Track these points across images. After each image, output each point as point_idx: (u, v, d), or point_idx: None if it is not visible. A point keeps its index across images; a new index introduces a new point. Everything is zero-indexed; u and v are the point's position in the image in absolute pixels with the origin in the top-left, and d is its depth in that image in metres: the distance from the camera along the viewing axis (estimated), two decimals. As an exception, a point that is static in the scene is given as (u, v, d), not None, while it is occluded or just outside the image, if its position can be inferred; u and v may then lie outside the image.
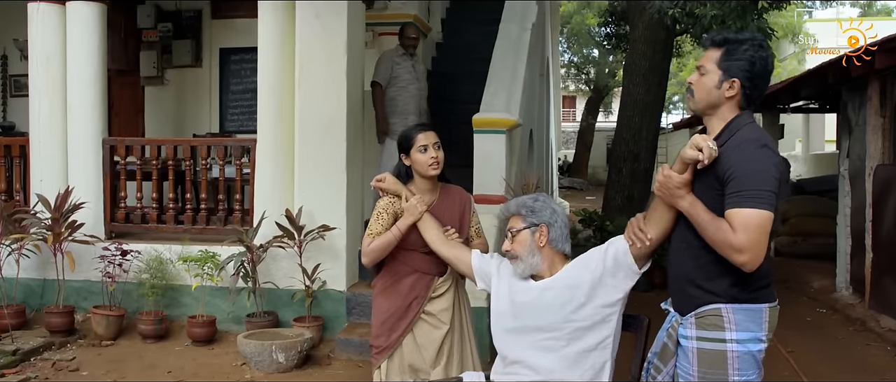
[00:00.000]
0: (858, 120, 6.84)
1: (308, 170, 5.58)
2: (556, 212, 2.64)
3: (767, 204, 2.11)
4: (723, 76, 2.25)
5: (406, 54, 6.64)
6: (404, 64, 6.58)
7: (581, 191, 20.65)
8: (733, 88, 2.25)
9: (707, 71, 2.29)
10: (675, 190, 2.24)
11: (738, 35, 2.30)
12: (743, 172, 2.12)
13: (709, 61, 2.29)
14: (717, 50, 2.29)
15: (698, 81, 2.32)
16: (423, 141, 3.01)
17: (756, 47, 2.25)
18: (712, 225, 2.16)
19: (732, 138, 2.22)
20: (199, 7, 8.09)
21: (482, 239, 3.22)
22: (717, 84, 2.26)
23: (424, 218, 2.97)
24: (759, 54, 2.25)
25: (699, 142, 2.17)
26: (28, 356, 5.03)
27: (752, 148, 2.16)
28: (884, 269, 6.25)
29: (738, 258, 2.12)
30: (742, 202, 2.11)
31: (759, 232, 2.10)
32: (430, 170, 3.02)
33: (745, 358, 2.23)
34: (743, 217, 2.10)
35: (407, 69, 6.58)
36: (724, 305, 2.23)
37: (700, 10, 6.43)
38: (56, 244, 5.47)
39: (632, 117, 8.88)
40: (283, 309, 5.52)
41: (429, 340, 3.07)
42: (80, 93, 5.93)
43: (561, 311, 2.49)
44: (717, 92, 2.27)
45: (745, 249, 2.10)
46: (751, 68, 2.24)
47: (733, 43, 2.27)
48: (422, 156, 3.01)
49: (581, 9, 21.56)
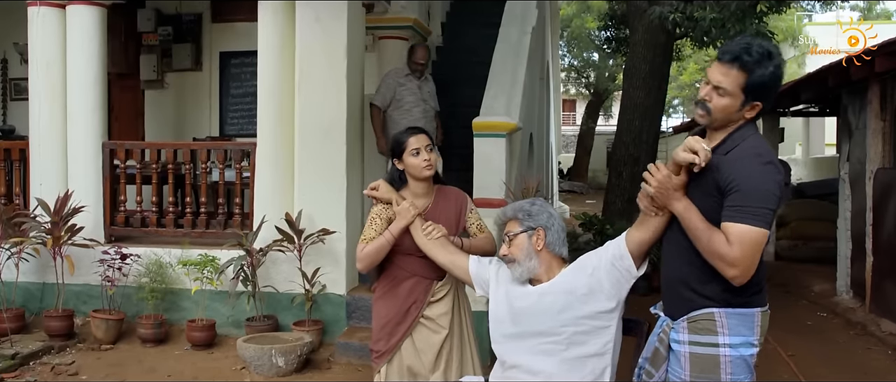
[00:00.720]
0: (859, 123, 6.84)
1: (308, 173, 5.58)
2: (553, 216, 2.65)
3: (766, 223, 2.11)
4: (745, 100, 2.20)
5: (412, 74, 6.37)
6: (409, 85, 6.30)
7: (581, 194, 20.64)
8: (754, 109, 2.23)
9: (728, 93, 2.19)
10: (673, 191, 2.23)
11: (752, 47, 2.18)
12: (747, 187, 2.11)
13: (729, 82, 2.18)
14: (741, 72, 2.17)
15: (717, 101, 2.22)
16: (414, 144, 3.01)
17: (775, 61, 2.18)
18: (706, 234, 2.16)
19: (736, 148, 2.20)
20: (199, 11, 8.08)
21: (486, 234, 3.19)
22: (738, 106, 2.21)
23: (417, 223, 2.96)
24: (774, 66, 2.18)
25: (693, 144, 2.15)
26: (27, 360, 5.03)
27: (759, 164, 2.15)
28: (884, 273, 6.24)
29: (729, 271, 2.13)
30: (742, 218, 2.11)
31: (753, 250, 2.11)
32: (425, 171, 3.02)
33: (737, 363, 2.23)
34: (740, 232, 2.10)
35: (411, 91, 6.29)
36: (717, 309, 2.23)
37: (700, 13, 6.43)
38: (55, 247, 5.47)
39: (632, 121, 8.87)
40: (282, 313, 5.51)
41: (428, 344, 3.06)
42: (80, 96, 5.93)
43: (560, 316, 2.48)
44: (737, 114, 2.23)
45: (737, 264, 2.11)
46: (772, 86, 2.21)
47: (755, 64, 2.16)
48: (414, 159, 3.01)
49: (581, 12, 21.56)
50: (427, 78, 6.52)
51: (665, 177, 2.23)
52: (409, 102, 6.24)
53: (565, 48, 23.17)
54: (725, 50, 2.23)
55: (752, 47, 2.18)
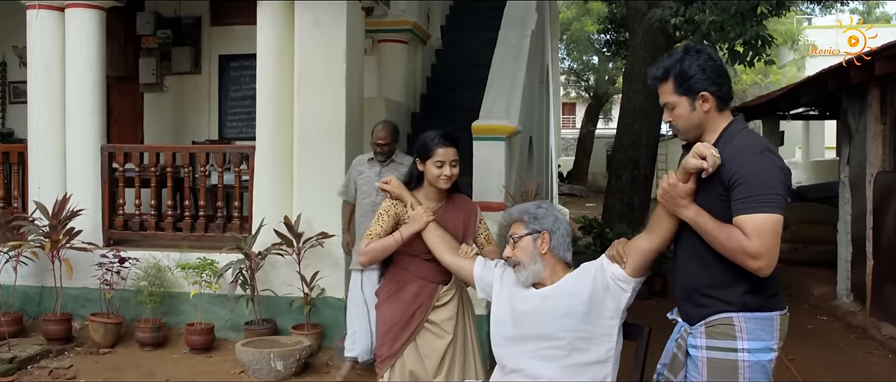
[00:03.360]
0: (859, 127, 6.83)
1: (307, 177, 5.57)
2: (559, 220, 2.63)
3: (777, 208, 2.10)
4: (690, 99, 2.26)
5: (375, 158, 4.89)
6: (368, 173, 4.85)
7: (581, 198, 20.65)
8: (706, 101, 2.25)
9: (674, 104, 2.29)
10: (680, 199, 2.22)
11: (672, 57, 2.31)
12: (749, 177, 2.11)
13: (667, 95, 2.30)
14: (665, 83, 2.30)
15: (674, 116, 2.32)
16: (441, 157, 2.99)
17: (694, 55, 2.26)
18: (722, 233, 2.14)
19: (731, 144, 2.20)
20: (198, 14, 8.08)
21: (493, 246, 3.19)
22: (689, 109, 2.27)
23: (432, 226, 2.95)
24: (701, 58, 2.25)
25: (702, 150, 2.15)
26: (25, 364, 5.01)
27: (754, 153, 2.15)
28: (885, 277, 6.22)
29: (753, 264, 2.10)
30: (753, 207, 2.09)
31: (772, 237, 2.09)
32: (441, 183, 3.02)
33: (755, 368, 2.20)
34: (756, 222, 2.08)
35: (368, 180, 4.79)
36: (735, 314, 2.20)
37: (700, 16, 6.43)
38: (54, 251, 5.45)
39: (631, 124, 8.87)
40: (281, 317, 5.50)
41: (431, 349, 3.05)
42: (78, 99, 5.92)
43: (563, 320, 2.47)
44: (695, 114, 2.27)
45: (760, 255, 2.08)
46: (705, 74, 2.24)
47: (673, 67, 2.28)
48: (436, 169, 2.99)
49: (581, 15, 21.60)
50: (396, 162, 4.85)
51: (670, 185, 2.22)
52: (364, 192, 4.86)
53: (565, 51, 23.20)
54: (650, 75, 2.37)
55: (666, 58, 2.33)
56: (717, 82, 2.25)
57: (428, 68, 9.12)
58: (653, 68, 2.36)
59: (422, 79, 8.85)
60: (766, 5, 6.38)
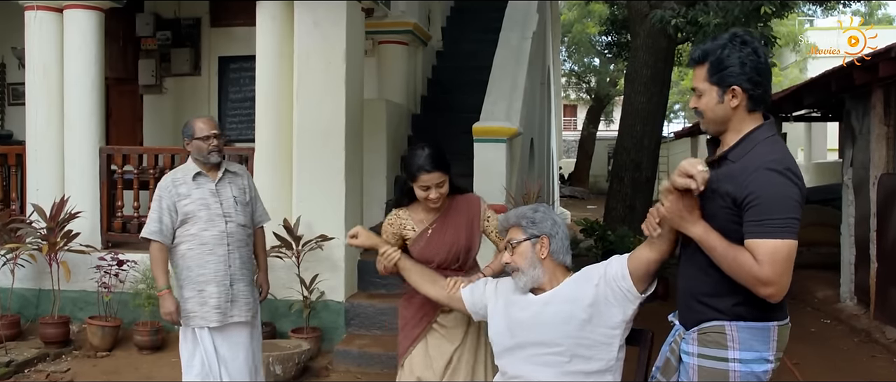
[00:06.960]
0: (862, 128, 6.79)
1: (306, 179, 5.54)
2: (557, 223, 2.58)
3: (792, 233, 1.99)
4: (719, 90, 2.13)
5: (202, 174, 3.64)
6: (198, 192, 3.62)
7: (582, 200, 20.59)
8: (736, 96, 2.11)
9: (702, 91, 2.16)
10: (687, 214, 2.12)
11: (716, 41, 2.15)
12: (766, 200, 1.99)
13: (699, 80, 2.16)
14: (701, 66, 2.15)
15: (700, 104, 2.18)
16: (425, 182, 2.91)
17: (739, 46, 2.10)
18: (730, 253, 2.04)
19: (750, 154, 2.08)
20: (198, 15, 8.06)
21: None
22: (717, 100, 2.13)
23: (406, 265, 2.94)
24: (744, 51, 2.09)
25: (688, 168, 2.02)
26: (22, 367, 4.99)
27: (774, 172, 2.02)
28: (889, 279, 6.18)
29: (763, 291, 2.01)
30: (767, 232, 1.99)
31: (785, 264, 1.99)
32: (429, 205, 2.99)
33: (747, 379, 2.12)
34: (769, 249, 1.98)
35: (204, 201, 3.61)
36: (728, 322, 2.13)
37: (703, 18, 6.39)
38: (51, 254, 5.42)
39: (633, 126, 8.84)
40: (280, 320, 5.46)
41: (439, 352, 3.06)
42: (77, 101, 5.90)
43: (563, 327, 2.42)
44: (721, 107, 2.13)
45: (772, 282, 1.99)
46: (743, 69, 2.09)
47: (712, 52, 2.13)
48: (422, 192, 2.95)
49: (582, 17, 21.57)
50: (231, 172, 3.73)
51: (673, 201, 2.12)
52: (199, 220, 3.59)
53: (566, 53, 23.18)
54: (690, 54, 2.24)
55: (711, 41, 2.17)
56: (753, 80, 2.09)
57: (428, 70, 9.10)
58: (695, 48, 2.22)
59: (422, 81, 8.82)
60: (770, 6, 6.33)
